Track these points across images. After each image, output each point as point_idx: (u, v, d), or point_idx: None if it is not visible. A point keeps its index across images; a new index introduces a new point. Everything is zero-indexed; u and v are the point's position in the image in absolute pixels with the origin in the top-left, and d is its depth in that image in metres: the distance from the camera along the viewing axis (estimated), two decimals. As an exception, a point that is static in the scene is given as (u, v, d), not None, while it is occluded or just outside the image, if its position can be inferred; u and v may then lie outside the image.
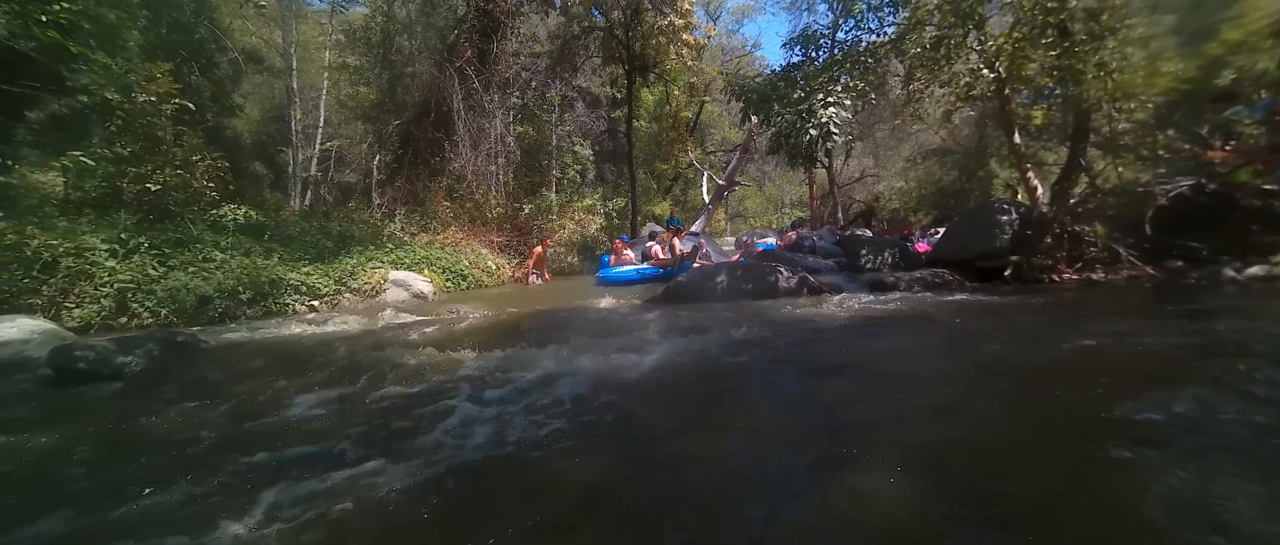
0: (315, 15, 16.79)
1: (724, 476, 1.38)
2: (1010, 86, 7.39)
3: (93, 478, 1.48)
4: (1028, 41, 6.72)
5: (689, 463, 1.45)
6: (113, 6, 7.50)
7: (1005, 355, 2.51)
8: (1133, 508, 1.15)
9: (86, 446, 1.69)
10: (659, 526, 1.15)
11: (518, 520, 1.16)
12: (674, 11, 14.20)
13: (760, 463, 1.46)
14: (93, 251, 5.30)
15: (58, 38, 6.52)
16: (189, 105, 8.05)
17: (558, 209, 12.46)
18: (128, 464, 1.55)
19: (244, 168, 14.28)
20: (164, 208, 7.08)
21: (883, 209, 21.76)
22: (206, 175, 7.92)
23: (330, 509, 1.21)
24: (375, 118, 12.42)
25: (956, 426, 1.64)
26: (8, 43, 7.02)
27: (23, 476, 1.49)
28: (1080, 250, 5.38)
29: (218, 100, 13.06)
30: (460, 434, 1.64)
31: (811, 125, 7.89)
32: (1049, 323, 3.35)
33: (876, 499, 1.21)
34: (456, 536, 1.10)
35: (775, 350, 2.85)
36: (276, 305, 5.77)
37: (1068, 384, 1.93)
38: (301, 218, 9.94)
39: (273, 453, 1.54)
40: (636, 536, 1.12)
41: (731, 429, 1.69)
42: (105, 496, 1.34)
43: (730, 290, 5.22)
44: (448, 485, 1.33)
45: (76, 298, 5.02)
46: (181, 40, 11.71)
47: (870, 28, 8.79)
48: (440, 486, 1.31)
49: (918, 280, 5.26)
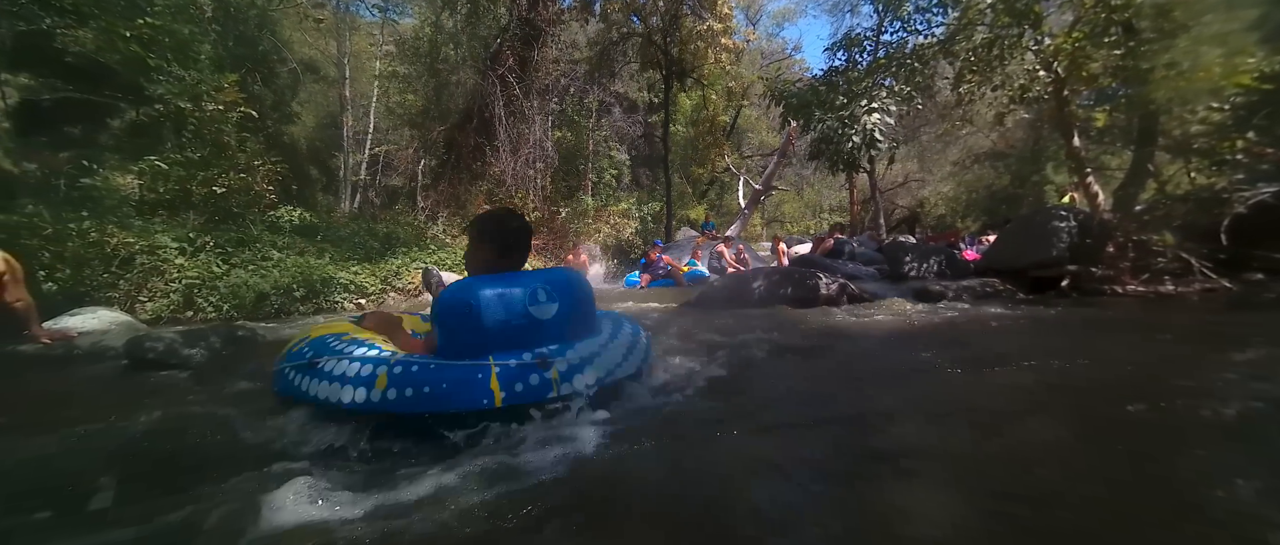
0: (368, 27, 17.58)
1: (756, 485, 1.35)
2: (1069, 87, 7.01)
3: (167, 456, 1.59)
4: (1089, 40, 6.37)
5: (719, 469, 1.43)
6: (188, 22, 8.05)
7: (1064, 372, 2.37)
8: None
9: (160, 429, 1.81)
10: (684, 532, 1.13)
11: (542, 519, 1.18)
12: (713, 16, 14.17)
13: (795, 472, 1.42)
14: (164, 250, 5.69)
15: (139, 51, 7.05)
16: (252, 113, 8.57)
17: (594, 213, 12.59)
18: (196, 445, 1.66)
19: (300, 172, 15.05)
20: (228, 209, 7.55)
21: (928, 215, 20.98)
22: (266, 179, 8.39)
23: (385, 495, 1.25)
24: (421, 124, 12.89)
25: (1007, 446, 1.55)
26: (95, 57, 7.66)
27: (107, 454, 1.61)
28: (1147, 261, 5.04)
29: (277, 108, 13.83)
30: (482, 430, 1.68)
31: (855, 131, 7.69)
32: (1113, 337, 3.15)
33: (916, 516, 1.16)
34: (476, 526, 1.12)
35: (814, 358, 2.78)
36: (327, 303, 6.06)
37: (1133, 406, 1.80)
38: (351, 220, 10.41)
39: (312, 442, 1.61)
40: (661, 540, 1.12)
41: (766, 436, 1.66)
42: (176, 473, 1.43)
43: (767, 295, 5.14)
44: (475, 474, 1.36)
45: (149, 292, 5.40)
46: (246, 52, 12.47)
47: (917, 29, 8.49)
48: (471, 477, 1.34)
49: (966, 289, 5.04)
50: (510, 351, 1.68)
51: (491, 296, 1.68)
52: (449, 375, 1.60)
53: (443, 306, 1.71)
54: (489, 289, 1.70)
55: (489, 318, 1.66)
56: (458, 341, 1.67)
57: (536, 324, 1.74)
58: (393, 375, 1.59)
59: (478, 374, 1.60)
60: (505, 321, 1.69)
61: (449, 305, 1.71)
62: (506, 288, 1.72)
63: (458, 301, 1.70)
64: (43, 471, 1.56)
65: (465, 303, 1.67)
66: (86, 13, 7.08)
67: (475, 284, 1.73)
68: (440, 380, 1.59)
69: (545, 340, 1.75)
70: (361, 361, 1.66)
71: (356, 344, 1.78)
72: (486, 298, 1.68)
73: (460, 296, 1.71)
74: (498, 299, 1.69)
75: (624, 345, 2.00)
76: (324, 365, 1.69)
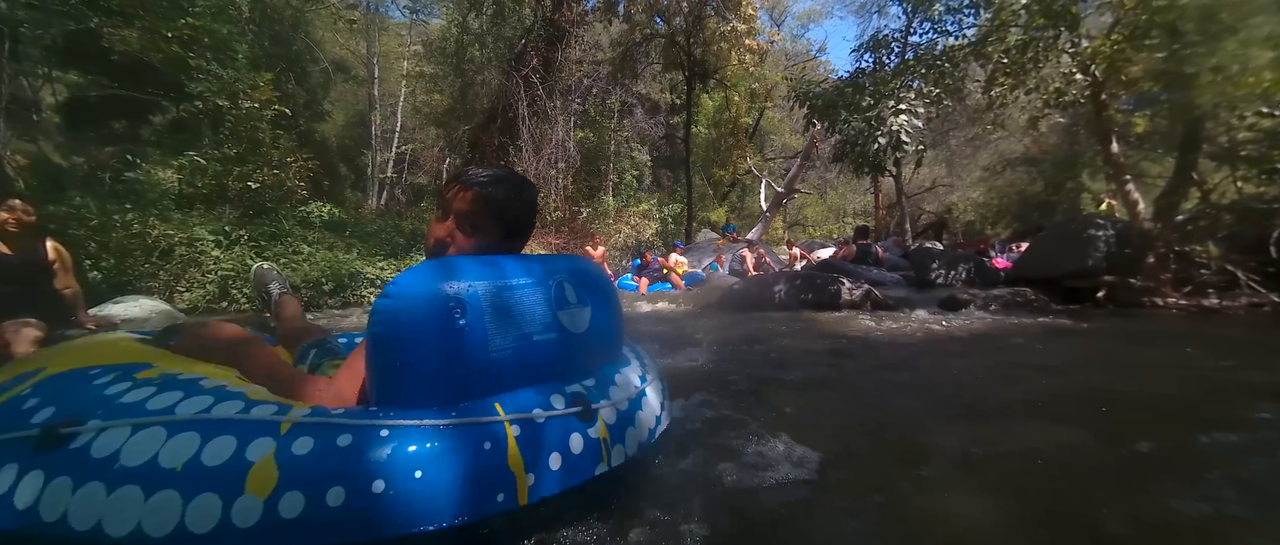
0: (396, 27, 17.95)
1: (779, 492, 1.33)
2: (1108, 91, 6.79)
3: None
4: (1129, 43, 6.16)
5: (743, 476, 1.41)
6: (227, 22, 8.33)
7: (1100, 386, 2.29)
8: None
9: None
10: (711, 538, 1.12)
11: (568, 521, 1.18)
12: (737, 17, 14.09)
13: (819, 480, 1.40)
14: (201, 242, 5.89)
15: (180, 51, 7.32)
16: (286, 111, 8.83)
17: (614, 213, 12.63)
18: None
19: (330, 168, 15.43)
20: (261, 204, 7.78)
21: (956, 221, 20.53)
22: (298, 175, 8.63)
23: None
24: (446, 123, 13.11)
25: (1040, 462, 1.51)
26: (139, 55, 7.98)
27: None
28: (1190, 273, 4.85)
29: (309, 107, 14.22)
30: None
31: (881, 134, 7.56)
32: (1153, 352, 3.03)
33: (946, 526, 1.14)
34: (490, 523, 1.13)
35: (837, 364, 2.74)
36: (354, 296, 6.20)
37: (1176, 424, 1.73)
38: (378, 216, 10.65)
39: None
40: None
41: (790, 443, 1.64)
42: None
43: (789, 299, 5.09)
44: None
45: (186, 282, 5.59)
46: (280, 52, 12.84)
47: (947, 30, 8.31)
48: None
49: (996, 298, 4.92)
50: (522, 391, 0.97)
51: (495, 292, 0.96)
52: (424, 451, 0.82)
53: (399, 312, 0.89)
54: (486, 280, 0.96)
55: (495, 331, 0.94)
56: (422, 375, 0.89)
57: (568, 342, 1.06)
58: (291, 459, 0.76)
59: (483, 442, 0.87)
60: (524, 337, 0.97)
61: (415, 307, 0.89)
62: (515, 278, 1.00)
63: (434, 299, 0.90)
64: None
65: (448, 302, 0.90)
66: (131, 13, 7.38)
67: (460, 270, 0.96)
68: (406, 464, 0.80)
69: (573, 371, 1.08)
70: (203, 430, 0.78)
71: (173, 386, 0.88)
72: (487, 295, 0.94)
73: (436, 289, 0.91)
74: (506, 297, 0.97)
75: (656, 378, 1.38)
76: (91, 440, 0.77)
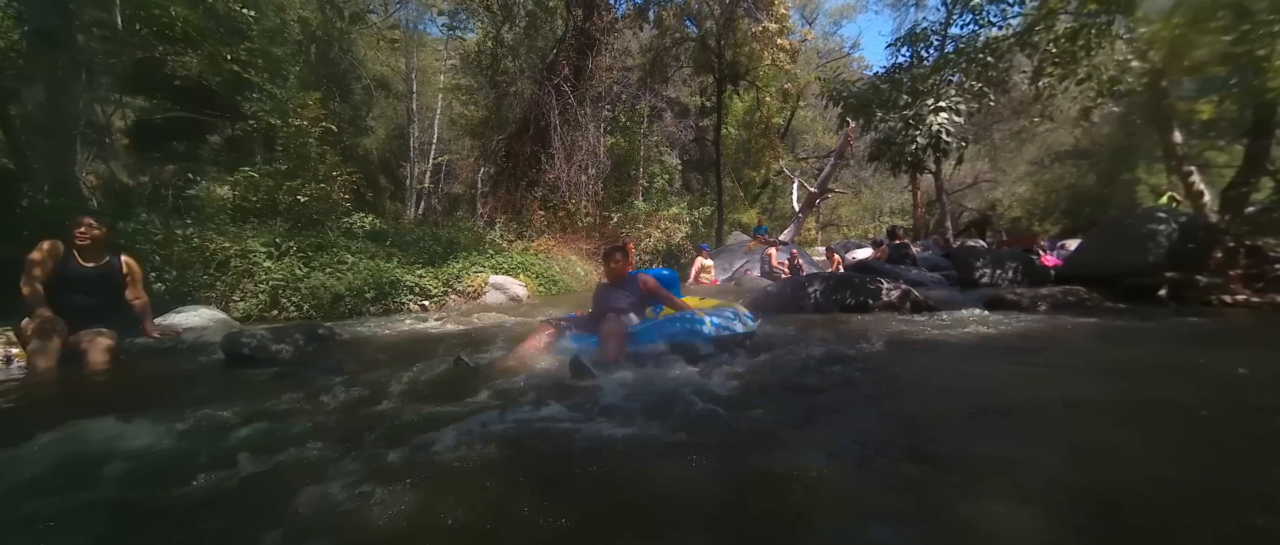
0: (433, 43, 18.54)
1: (816, 500, 1.31)
2: (1168, 78, 6.40)
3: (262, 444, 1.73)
4: (1192, 26, 5.79)
5: (778, 482, 1.39)
6: (281, 44, 8.80)
7: (1164, 390, 2.15)
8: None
9: (258, 419, 1.98)
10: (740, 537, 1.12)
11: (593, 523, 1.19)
12: (769, 17, 13.95)
13: (857, 489, 1.37)
14: (254, 254, 6.20)
15: (238, 72, 7.77)
16: (332, 127, 9.24)
17: (645, 218, 12.65)
18: (289, 434, 1.80)
19: (372, 181, 16.04)
20: (309, 216, 8.15)
21: (1000, 218, 19.67)
22: (343, 188, 9.01)
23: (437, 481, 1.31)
24: (481, 134, 13.44)
25: (1099, 474, 1.43)
26: (199, 79, 8.52)
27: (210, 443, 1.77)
28: (1261, 267, 4.51)
29: (353, 122, 14.84)
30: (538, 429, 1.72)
31: (919, 132, 7.31)
32: (1220, 354, 2.82)
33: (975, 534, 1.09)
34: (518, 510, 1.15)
35: (875, 369, 2.66)
36: (394, 303, 6.41)
37: (1246, 435, 1.61)
38: (416, 225, 10.98)
39: (394, 429, 1.71)
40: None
41: (824, 451, 1.61)
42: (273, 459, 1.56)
43: (825, 302, 4.99)
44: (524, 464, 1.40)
45: (241, 293, 5.90)
46: (327, 71, 13.46)
47: (990, 21, 7.98)
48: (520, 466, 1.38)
49: (1046, 298, 4.68)
50: None
51: None
52: None
53: None
54: None
55: None
56: None
57: None
58: None
59: None
60: None
61: None
62: None
63: None
64: (167, 455, 1.74)
65: None
66: (195, 39, 7.89)
67: None
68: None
69: None
70: None
71: None
72: None
73: None
74: None
75: None
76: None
